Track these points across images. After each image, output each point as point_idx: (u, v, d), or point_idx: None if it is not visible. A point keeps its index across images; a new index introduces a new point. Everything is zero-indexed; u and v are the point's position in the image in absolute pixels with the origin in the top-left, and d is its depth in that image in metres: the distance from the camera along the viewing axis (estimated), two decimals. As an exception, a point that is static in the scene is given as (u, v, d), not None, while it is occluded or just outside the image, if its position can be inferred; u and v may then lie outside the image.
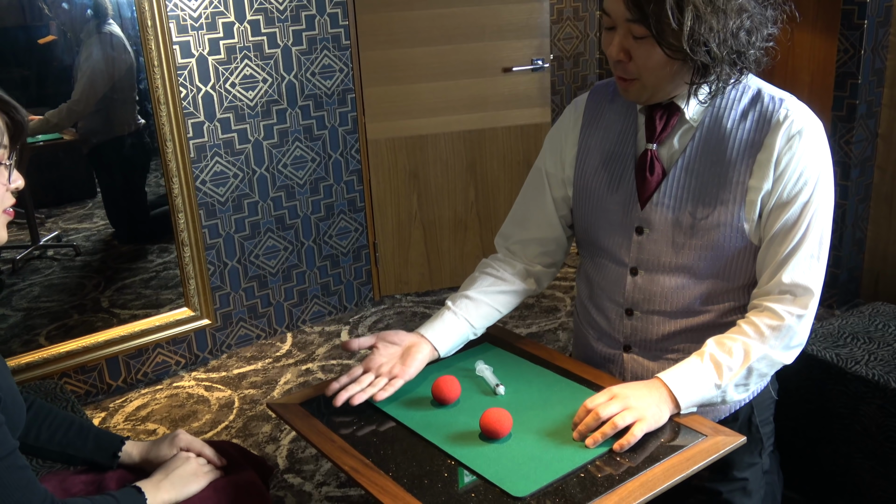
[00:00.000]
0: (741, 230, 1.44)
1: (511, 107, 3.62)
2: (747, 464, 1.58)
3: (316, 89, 3.27)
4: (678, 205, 1.47)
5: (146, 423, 2.83)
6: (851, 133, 3.09)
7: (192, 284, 3.11)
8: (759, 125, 1.42)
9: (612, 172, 1.55)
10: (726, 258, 1.47)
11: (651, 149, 1.49)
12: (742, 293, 1.52)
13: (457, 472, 1.30)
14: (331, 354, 3.26)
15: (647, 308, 1.55)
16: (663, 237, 1.50)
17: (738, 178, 1.43)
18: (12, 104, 1.16)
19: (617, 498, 1.21)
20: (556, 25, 4.06)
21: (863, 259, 3.37)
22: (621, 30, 1.37)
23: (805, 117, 1.43)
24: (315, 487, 2.42)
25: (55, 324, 2.94)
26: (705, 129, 1.46)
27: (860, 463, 1.97)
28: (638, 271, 1.54)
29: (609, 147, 1.56)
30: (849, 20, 3.00)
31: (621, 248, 1.55)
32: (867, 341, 2.09)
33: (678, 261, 1.50)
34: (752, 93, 1.45)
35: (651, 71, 1.38)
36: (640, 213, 1.51)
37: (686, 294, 1.51)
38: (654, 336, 1.56)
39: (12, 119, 1.16)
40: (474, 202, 3.71)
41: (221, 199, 3.14)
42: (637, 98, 1.45)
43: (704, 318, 1.53)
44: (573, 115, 1.64)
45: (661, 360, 1.57)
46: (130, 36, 2.86)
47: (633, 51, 1.37)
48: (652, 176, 1.49)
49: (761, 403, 1.61)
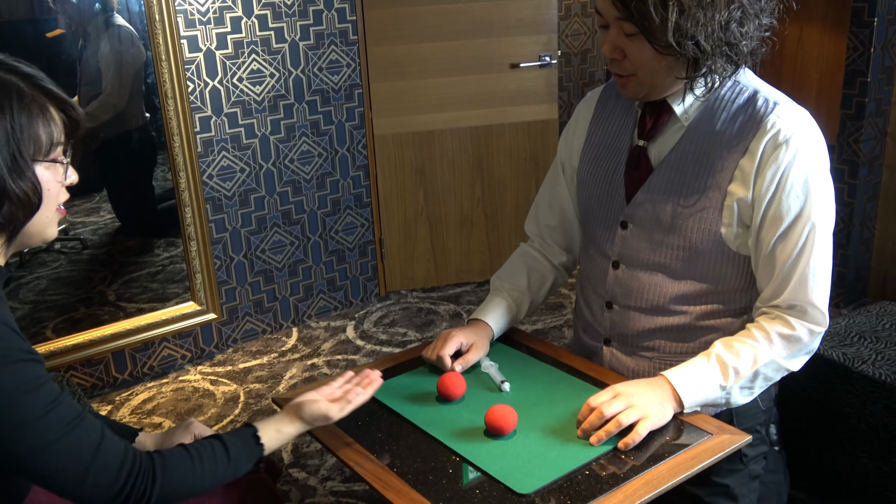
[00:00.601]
0: (716, 234, 1.42)
1: (518, 103, 3.62)
2: (727, 469, 1.54)
3: (323, 84, 3.27)
4: (660, 202, 1.47)
5: (152, 416, 2.84)
6: (860, 131, 3.07)
7: (198, 279, 3.11)
8: (746, 128, 1.39)
9: (607, 167, 1.57)
10: (703, 261, 1.46)
11: (640, 145, 1.50)
12: (721, 298, 1.50)
13: (461, 468, 1.30)
14: (336, 350, 3.26)
15: (624, 302, 1.56)
16: (644, 233, 1.50)
17: (719, 181, 1.41)
18: (69, 102, 1.19)
19: (622, 496, 1.20)
20: (563, 21, 4.04)
21: (870, 258, 3.36)
22: (613, 28, 1.38)
23: (796, 124, 1.37)
24: (320, 482, 2.42)
25: (62, 317, 2.95)
26: (695, 128, 1.45)
27: (866, 463, 1.97)
28: (619, 265, 1.56)
29: (608, 141, 1.58)
30: (858, 18, 2.98)
31: (607, 240, 1.57)
32: (874, 341, 2.08)
33: (655, 258, 1.50)
34: (747, 93, 1.43)
35: (645, 67, 1.38)
36: (626, 207, 1.52)
37: (662, 292, 1.51)
38: (631, 331, 1.57)
39: (69, 116, 1.19)
40: (481, 198, 3.71)
41: (228, 194, 3.15)
42: (635, 94, 1.46)
43: (680, 320, 1.52)
44: (586, 107, 1.67)
45: (636, 356, 1.58)
46: (138, 30, 2.86)
47: (627, 48, 1.38)
48: (638, 171, 1.50)
49: (744, 412, 1.56)
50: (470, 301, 3.61)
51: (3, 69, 1.14)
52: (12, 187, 1.11)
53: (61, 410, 1.13)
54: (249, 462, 1.30)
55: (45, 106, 1.15)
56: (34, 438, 1.10)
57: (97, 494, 1.15)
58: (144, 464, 1.19)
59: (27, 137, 1.12)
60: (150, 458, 1.20)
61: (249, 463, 1.30)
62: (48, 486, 1.15)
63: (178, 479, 1.21)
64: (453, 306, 3.58)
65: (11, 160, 1.10)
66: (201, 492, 1.25)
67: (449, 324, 3.41)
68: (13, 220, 1.14)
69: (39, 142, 1.14)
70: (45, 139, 1.15)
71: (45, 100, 1.15)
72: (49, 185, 1.17)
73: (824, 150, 1.41)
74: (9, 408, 1.08)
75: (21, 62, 1.17)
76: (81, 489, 1.13)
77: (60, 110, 1.18)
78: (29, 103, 1.12)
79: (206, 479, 1.24)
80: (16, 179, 1.11)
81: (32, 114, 1.13)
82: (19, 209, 1.13)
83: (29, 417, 1.09)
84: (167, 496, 1.21)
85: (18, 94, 1.12)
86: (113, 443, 1.17)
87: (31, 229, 1.19)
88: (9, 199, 1.11)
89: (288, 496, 2.36)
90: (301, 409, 1.34)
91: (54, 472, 1.12)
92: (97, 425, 1.17)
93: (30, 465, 1.11)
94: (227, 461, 1.26)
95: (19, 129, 1.11)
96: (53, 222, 1.22)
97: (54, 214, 1.22)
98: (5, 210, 1.12)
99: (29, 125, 1.12)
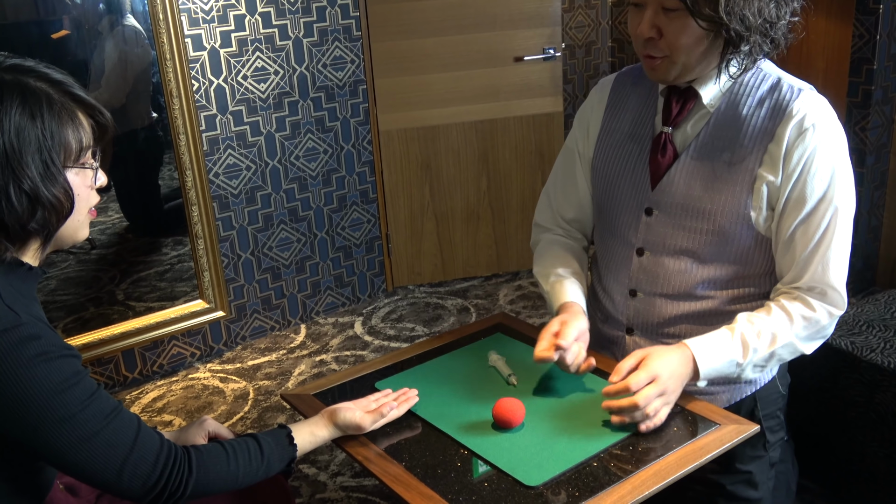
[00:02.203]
0: (746, 218, 1.43)
1: (523, 96, 3.61)
2: (750, 456, 1.57)
3: (327, 81, 3.27)
4: (687, 187, 1.47)
5: (162, 414, 2.86)
6: (867, 119, 3.06)
7: (206, 277, 3.13)
8: (773, 113, 1.41)
9: (630, 153, 1.56)
10: (731, 245, 1.46)
11: (666, 132, 1.49)
12: (747, 282, 1.51)
13: (470, 461, 1.30)
14: (344, 345, 3.27)
15: (650, 290, 1.56)
16: (671, 219, 1.50)
17: (748, 165, 1.42)
18: (98, 107, 1.22)
19: (630, 487, 1.21)
20: (567, 14, 4.03)
21: (879, 247, 3.35)
22: (651, 7, 1.36)
23: (820, 111, 1.41)
24: (330, 477, 2.43)
25: (71, 316, 2.96)
26: (721, 114, 1.45)
27: (875, 451, 1.96)
28: (644, 252, 1.55)
29: (628, 129, 1.57)
30: (864, 5, 2.96)
31: (630, 228, 1.56)
32: (883, 329, 2.07)
33: (683, 244, 1.49)
34: (771, 81, 1.44)
35: (682, 47, 1.36)
36: (651, 193, 1.51)
37: (689, 278, 1.51)
38: (656, 319, 1.57)
39: (97, 122, 1.22)
40: (486, 192, 3.71)
41: (234, 192, 3.16)
42: (665, 77, 1.43)
43: (706, 305, 1.52)
44: (599, 95, 1.66)
45: (661, 343, 1.57)
46: (143, 29, 2.87)
47: (665, 27, 1.36)
48: (664, 158, 1.49)
49: (766, 397, 1.59)
50: (477, 295, 3.62)
51: (34, 76, 1.16)
52: (45, 194, 1.14)
53: (100, 403, 1.16)
54: (282, 462, 1.33)
55: (75, 112, 1.18)
56: (75, 432, 1.12)
57: (135, 486, 1.17)
58: (180, 456, 1.22)
59: (58, 144, 1.15)
60: (186, 451, 1.23)
61: (282, 463, 1.33)
62: (87, 480, 1.17)
63: (212, 473, 1.24)
64: (461, 301, 3.58)
65: (44, 167, 1.13)
66: (233, 488, 1.28)
67: (457, 318, 3.42)
68: (47, 226, 1.17)
69: (70, 148, 1.17)
70: (75, 145, 1.17)
71: (74, 106, 1.18)
72: (80, 189, 1.20)
73: (845, 137, 1.44)
74: (52, 403, 1.11)
75: (52, 68, 1.19)
76: (120, 480, 1.16)
77: (89, 115, 1.21)
78: (59, 110, 1.15)
79: (240, 475, 1.27)
80: (49, 186, 1.14)
81: (63, 120, 1.15)
82: (52, 214, 1.16)
83: (71, 412, 1.12)
84: (201, 490, 1.23)
85: (48, 101, 1.14)
86: (149, 434, 1.20)
87: (63, 232, 1.22)
88: (42, 205, 1.14)
89: (299, 492, 2.38)
90: (336, 415, 1.37)
91: (94, 464, 1.14)
92: (133, 418, 1.20)
93: (70, 459, 1.14)
94: (260, 459, 1.29)
95: (50, 136, 1.14)
96: (85, 224, 1.26)
97: (86, 217, 1.25)
98: (39, 216, 1.15)
99: (59, 132, 1.15)
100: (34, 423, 1.11)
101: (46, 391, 1.10)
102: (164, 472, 1.19)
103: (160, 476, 1.18)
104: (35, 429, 1.11)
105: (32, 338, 1.11)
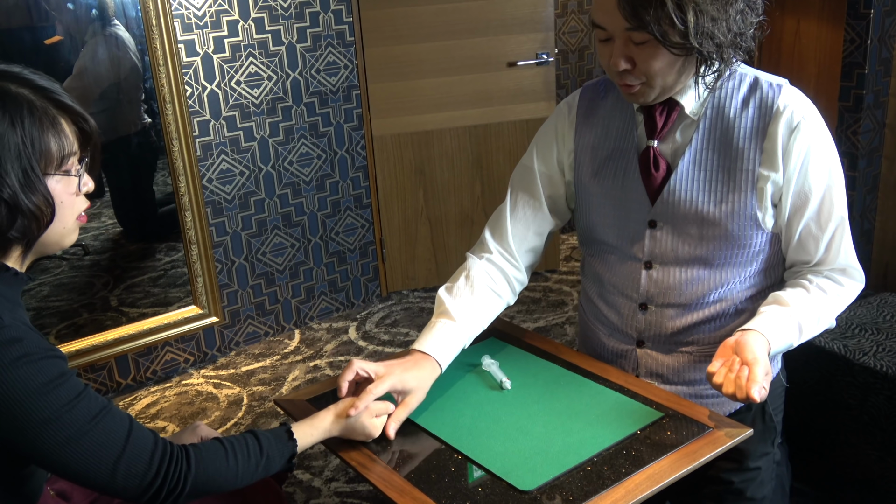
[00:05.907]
0: (754, 217, 1.45)
1: (516, 101, 3.62)
2: (761, 453, 1.58)
3: (321, 86, 3.27)
4: (690, 197, 1.47)
5: (156, 420, 2.85)
6: (859, 123, 3.07)
7: (199, 282, 3.12)
8: (761, 112, 1.43)
9: (616, 170, 1.54)
10: (742, 246, 1.48)
11: (652, 146, 1.49)
12: (757, 278, 1.53)
13: (464, 466, 1.30)
14: (339, 351, 3.26)
15: (661, 301, 1.55)
16: (677, 230, 1.50)
17: (747, 165, 1.44)
18: (81, 114, 1.21)
19: (624, 491, 1.21)
20: (560, 19, 4.05)
21: (871, 249, 3.36)
22: (619, 40, 1.36)
23: (803, 105, 1.44)
24: (324, 483, 2.43)
25: (65, 322, 2.95)
26: (709, 120, 1.46)
27: (868, 454, 1.97)
28: (653, 265, 1.54)
29: (609, 144, 1.56)
30: (855, 10, 2.98)
31: (634, 243, 1.54)
32: (875, 332, 2.08)
33: (694, 252, 1.50)
34: (749, 81, 1.46)
35: (657, 73, 1.38)
36: (652, 208, 1.51)
37: (701, 285, 1.52)
38: (668, 330, 1.56)
39: (80, 129, 1.21)
40: (480, 197, 3.71)
41: (228, 197, 3.15)
42: (645, 100, 1.45)
43: (719, 308, 1.53)
44: (566, 115, 1.62)
45: (674, 353, 1.57)
46: (136, 35, 2.87)
47: (636, 56, 1.36)
48: (657, 172, 1.49)
49: (773, 391, 1.60)
50: (471, 300, 3.61)
51: (17, 82, 1.15)
52: (25, 202, 1.12)
53: (87, 403, 1.14)
54: (282, 458, 1.31)
55: (56, 118, 1.16)
56: (62, 432, 1.12)
57: (130, 485, 1.16)
58: (177, 453, 1.20)
59: (38, 151, 1.14)
60: (183, 448, 1.22)
61: (282, 459, 1.31)
62: (80, 481, 1.16)
63: (211, 470, 1.23)
64: (455, 305, 3.58)
65: (24, 175, 1.12)
66: (233, 486, 1.26)
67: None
68: (28, 234, 1.16)
69: (51, 155, 1.15)
70: (57, 152, 1.16)
71: (57, 112, 1.17)
72: (62, 197, 1.19)
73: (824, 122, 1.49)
74: (37, 404, 1.10)
75: (39, 75, 1.18)
76: (114, 480, 1.15)
77: (73, 123, 1.19)
78: (40, 117, 1.14)
79: (239, 472, 1.26)
80: (28, 194, 1.13)
81: (44, 127, 1.14)
82: (33, 222, 1.15)
83: (57, 412, 1.11)
84: (200, 488, 1.22)
85: (30, 107, 1.13)
86: (142, 433, 1.19)
87: (48, 239, 1.21)
88: (22, 213, 1.13)
89: (293, 497, 2.37)
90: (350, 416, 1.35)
91: (85, 465, 1.13)
92: (125, 416, 1.19)
93: (61, 460, 1.13)
94: (259, 455, 1.28)
95: (31, 143, 1.13)
96: (73, 231, 1.25)
97: (73, 223, 1.24)
98: (19, 224, 1.14)
99: (40, 139, 1.14)
100: (21, 425, 1.10)
101: (30, 392, 1.10)
102: (161, 469, 1.17)
103: (157, 474, 1.17)
104: (22, 431, 1.11)
105: (14, 340, 1.10)
